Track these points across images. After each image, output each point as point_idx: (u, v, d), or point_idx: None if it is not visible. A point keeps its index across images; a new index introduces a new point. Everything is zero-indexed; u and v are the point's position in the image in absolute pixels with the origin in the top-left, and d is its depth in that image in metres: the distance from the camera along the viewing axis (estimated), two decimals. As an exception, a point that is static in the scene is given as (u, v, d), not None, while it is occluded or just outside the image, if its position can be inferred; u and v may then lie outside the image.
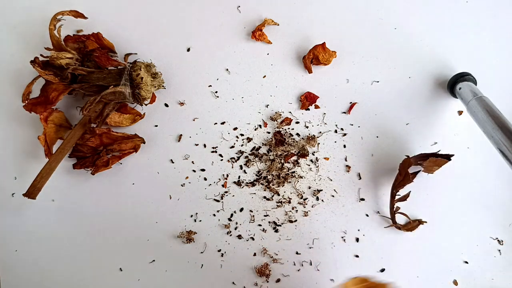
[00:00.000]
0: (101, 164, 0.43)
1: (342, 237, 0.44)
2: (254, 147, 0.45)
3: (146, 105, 0.44)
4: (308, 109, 0.45)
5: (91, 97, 0.41)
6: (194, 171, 0.45)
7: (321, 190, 0.45)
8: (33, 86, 0.42)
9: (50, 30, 0.41)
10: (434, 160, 0.41)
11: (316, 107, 0.45)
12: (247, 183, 0.45)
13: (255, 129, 0.45)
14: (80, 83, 0.42)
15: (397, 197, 0.43)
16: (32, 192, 0.40)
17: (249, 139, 0.45)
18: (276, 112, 0.45)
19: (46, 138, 0.42)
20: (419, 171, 0.43)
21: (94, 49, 0.42)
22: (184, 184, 0.45)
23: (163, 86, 0.44)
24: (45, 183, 0.41)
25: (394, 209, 0.43)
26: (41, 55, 0.42)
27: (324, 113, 0.45)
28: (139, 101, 0.43)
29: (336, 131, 0.45)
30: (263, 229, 0.44)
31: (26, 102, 0.42)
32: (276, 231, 0.44)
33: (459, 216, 0.44)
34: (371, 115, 0.45)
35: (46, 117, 0.42)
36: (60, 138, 0.43)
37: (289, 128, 0.45)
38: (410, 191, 0.43)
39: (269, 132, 0.45)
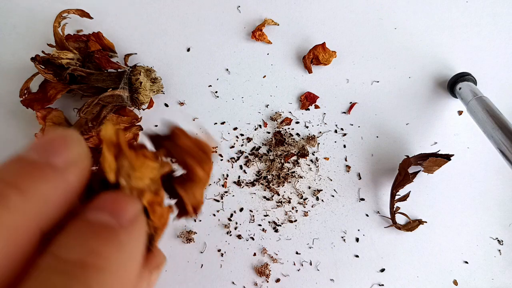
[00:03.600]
0: None
1: (342, 237, 0.44)
2: (254, 147, 0.45)
3: (143, 109, 0.44)
4: (308, 109, 0.45)
5: (89, 98, 0.41)
6: (194, 171, 0.45)
7: (321, 190, 0.45)
8: (33, 83, 0.42)
9: (54, 28, 0.40)
10: (434, 160, 0.41)
11: (316, 107, 0.45)
12: (247, 183, 0.45)
13: (255, 129, 0.45)
14: (79, 84, 0.42)
15: (397, 197, 0.43)
16: None
17: (249, 139, 0.45)
18: (276, 112, 0.45)
19: None
20: (419, 171, 0.43)
21: (95, 50, 0.42)
22: (184, 184, 0.45)
23: (162, 91, 0.44)
24: None
25: (394, 209, 0.43)
26: (42, 51, 0.42)
27: (324, 113, 0.45)
28: (137, 105, 0.43)
29: (336, 131, 0.45)
30: (263, 229, 0.44)
31: (24, 97, 0.42)
32: (276, 231, 0.44)
33: (459, 216, 0.44)
34: (371, 115, 0.45)
35: (44, 116, 0.42)
36: (59, 137, 0.43)
37: (289, 128, 0.45)
38: (410, 191, 0.43)
39: (269, 132, 0.45)
